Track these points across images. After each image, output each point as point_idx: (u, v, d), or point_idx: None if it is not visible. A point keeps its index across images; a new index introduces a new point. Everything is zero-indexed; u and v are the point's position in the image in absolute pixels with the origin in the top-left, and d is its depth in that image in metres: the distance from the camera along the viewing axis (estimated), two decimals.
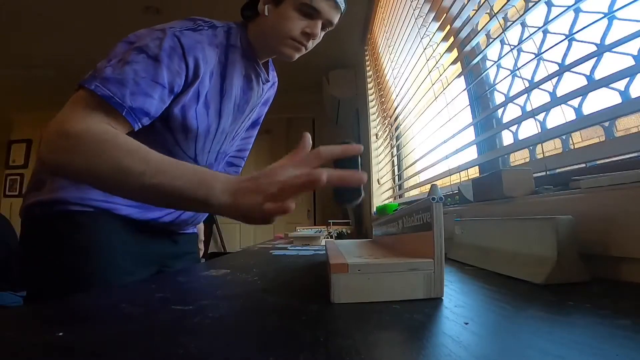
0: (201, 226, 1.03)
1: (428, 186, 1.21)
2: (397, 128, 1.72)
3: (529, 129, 0.75)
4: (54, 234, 0.62)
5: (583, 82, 0.59)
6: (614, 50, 0.52)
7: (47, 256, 0.61)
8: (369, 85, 2.26)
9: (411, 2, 1.35)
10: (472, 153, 0.99)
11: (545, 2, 0.67)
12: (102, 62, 0.56)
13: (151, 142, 0.49)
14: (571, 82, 0.62)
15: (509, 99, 0.80)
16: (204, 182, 0.44)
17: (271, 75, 0.80)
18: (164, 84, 0.56)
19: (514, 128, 0.81)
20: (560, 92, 0.65)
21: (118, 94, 0.51)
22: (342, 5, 0.68)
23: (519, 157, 0.95)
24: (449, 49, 1.08)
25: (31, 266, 0.64)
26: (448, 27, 1.05)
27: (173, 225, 0.76)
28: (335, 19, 0.69)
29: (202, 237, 1.05)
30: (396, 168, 1.89)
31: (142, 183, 0.45)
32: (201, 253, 1.02)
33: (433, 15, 1.17)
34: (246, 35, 0.71)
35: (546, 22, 0.67)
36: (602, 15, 0.54)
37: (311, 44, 0.70)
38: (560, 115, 0.64)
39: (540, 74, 0.71)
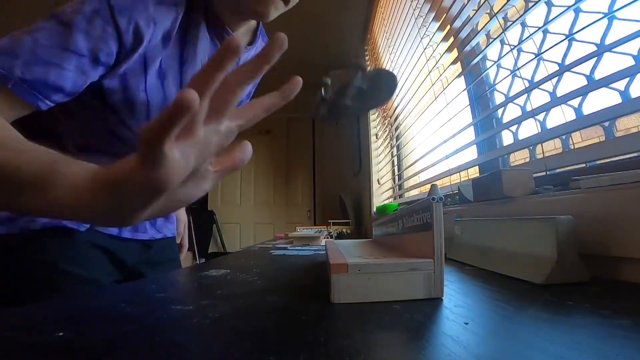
0: (180, 230, 0.92)
1: (428, 186, 1.21)
2: (397, 128, 1.72)
3: (529, 129, 0.75)
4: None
5: (583, 82, 0.59)
6: (614, 50, 0.52)
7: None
8: None
9: (411, 2, 1.34)
10: (472, 153, 0.99)
11: (545, 2, 0.67)
12: None
13: (90, 126, 0.43)
14: (571, 82, 0.62)
15: (509, 99, 0.80)
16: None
17: (258, 43, 0.69)
18: (81, 51, 0.45)
19: (514, 128, 0.81)
20: (560, 92, 0.65)
21: (6, 65, 0.40)
22: None
23: (519, 157, 0.95)
24: (449, 49, 1.08)
25: None
26: (448, 27, 1.05)
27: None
28: None
29: (184, 242, 0.94)
30: (396, 168, 1.89)
31: None
32: (182, 256, 0.91)
33: (433, 15, 1.17)
34: None
35: (546, 22, 0.67)
36: (602, 15, 0.54)
37: None
38: (560, 115, 0.64)
39: (540, 74, 0.70)
